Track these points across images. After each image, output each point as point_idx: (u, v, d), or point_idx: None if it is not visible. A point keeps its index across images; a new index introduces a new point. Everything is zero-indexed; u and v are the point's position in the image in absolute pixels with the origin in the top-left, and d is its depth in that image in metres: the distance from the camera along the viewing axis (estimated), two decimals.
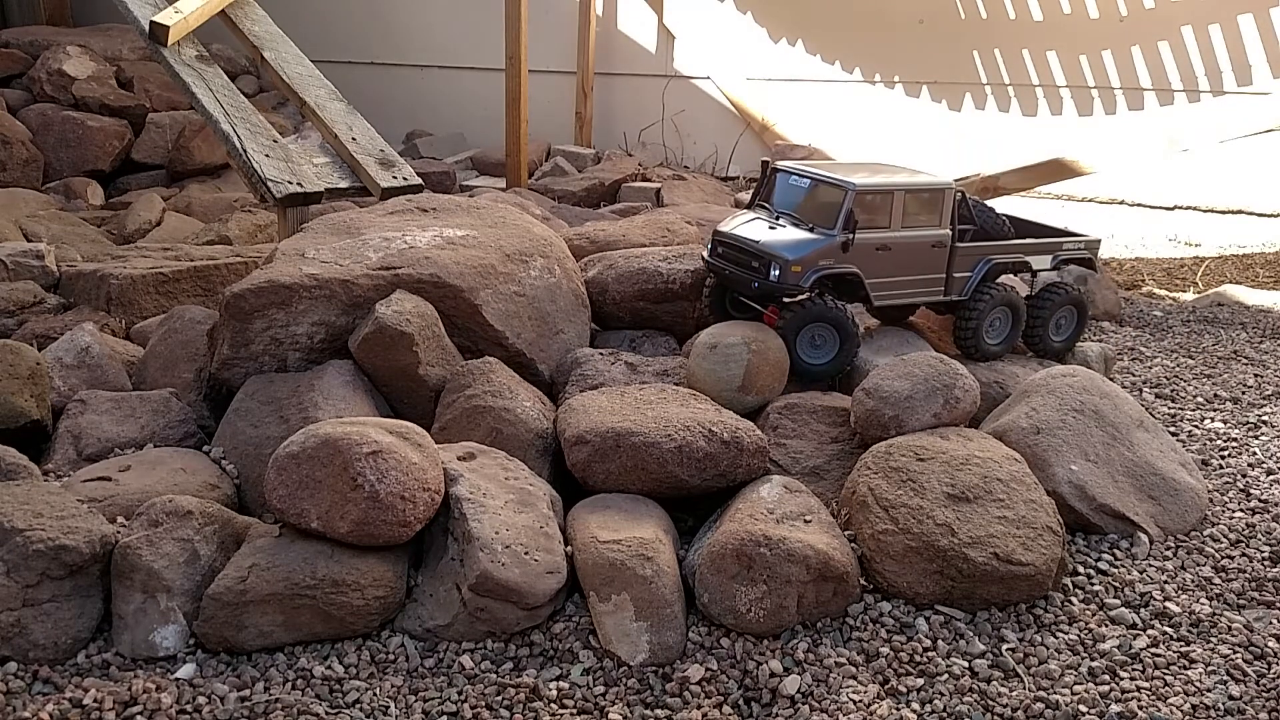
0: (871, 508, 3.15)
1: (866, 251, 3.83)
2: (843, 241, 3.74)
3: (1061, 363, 4.30)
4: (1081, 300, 4.35)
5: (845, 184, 3.78)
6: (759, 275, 3.77)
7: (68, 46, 8.25)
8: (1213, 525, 3.51)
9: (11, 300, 4.78)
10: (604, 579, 2.92)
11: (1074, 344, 4.43)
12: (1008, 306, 4.15)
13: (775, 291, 3.78)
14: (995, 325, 4.17)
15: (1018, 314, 4.19)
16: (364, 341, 3.65)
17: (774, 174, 4.12)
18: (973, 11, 8.58)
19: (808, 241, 3.76)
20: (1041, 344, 4.30)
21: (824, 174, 3.92)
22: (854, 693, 2.72)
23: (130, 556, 2.87)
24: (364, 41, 10.00)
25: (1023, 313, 4.20)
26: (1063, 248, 4.33)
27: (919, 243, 3.94)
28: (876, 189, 3.81)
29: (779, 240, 3.79)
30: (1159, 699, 2.69)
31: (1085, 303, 4.39)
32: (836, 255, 3.76)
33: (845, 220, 3.74)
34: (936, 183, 3.98)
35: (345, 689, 2.74)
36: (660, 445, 3.24)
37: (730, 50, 9.17)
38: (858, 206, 3.76)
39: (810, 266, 3.73)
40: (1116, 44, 8.24)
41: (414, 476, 2.98)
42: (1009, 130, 8.58)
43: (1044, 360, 4.31)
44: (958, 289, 4.08)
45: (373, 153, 5.25)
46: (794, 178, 4.00)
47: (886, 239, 3.86)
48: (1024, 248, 4.24)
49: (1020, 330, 4.23)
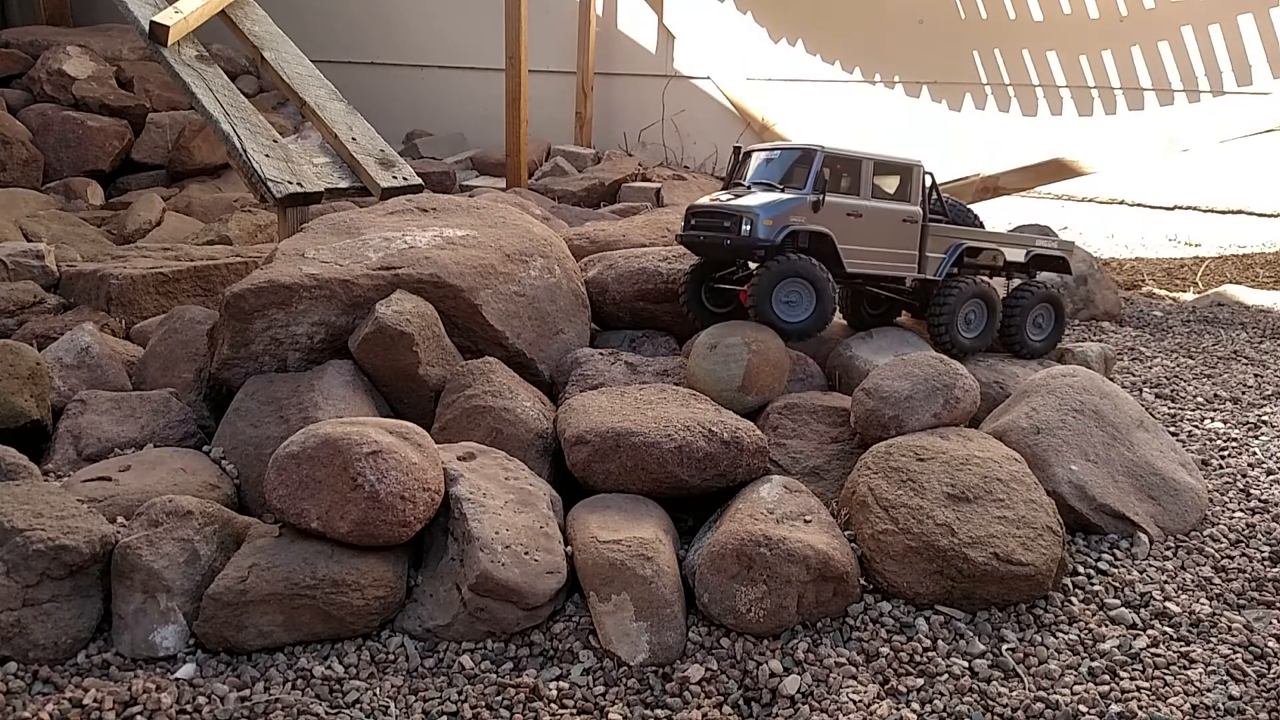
0: (871, 508, 3.15)
1: (838, 215, 3.91)
2: (814, 201, 3.83)
3: (1061, 362, 4.29)
4: (1058, 298, 4.34)
5: (815, 146, 3.95)
6: (730, 234, 3.82)
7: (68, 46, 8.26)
8: (1213, 525, 3.51)
9: (11, 300, 4.78)
10: (604, 579, 2.92)
11: (1055, 343, 4.40)
12: (982, 299, 4.15)
13: (747, 247, 3.80)
14: (971, 319, 4.17)
15: (993, 307, 4.19)
16: (364, 341, 3.65)
17: (745, 156, 4.22)
18: (973, 11, 8.58)
19: (779, 200, 3.84)
20: (1020, 343, 4.28)
21: (795, 142, 4.12)
22: (854, 693, 2.72)
23: (130, 556, 2.87)
24: (364, 41, 10.00)
25: (998, 306, 4.20)
26: (1036, 244, 4.40)
27: (890, 214, 4.03)
28: (845, 155, 3.97)
29: (750, 200, 3.87)
30: (1159, 699, 2.69)
31: (1063, 300, 4.37)
32: (808, 214, 3.84)
33: (815, 180, 3.85)
34: (907, 160, 4.12)
35: (345, 689, 2.74)
36: (660, 445, 3.24)
37: (730, 50, 9.17)
38: (827, 168, 3.89)
39: (781, 222, 3.79)
40: (1116, 44, 8.24)
41: (414, 476, 2.98)
42: (1009, 130, 8.57)
43: (1044, 360, 4.31)
44: (931, 269, 4.15)
45: (373, 153, 5.25)
46: (764, 152, 4.16)
47: (857, 205, 3.95)
48: (997, 238, 4.34)
49: (996, 324, 4.22)
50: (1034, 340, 4.32)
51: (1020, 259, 4.36)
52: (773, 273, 3.75)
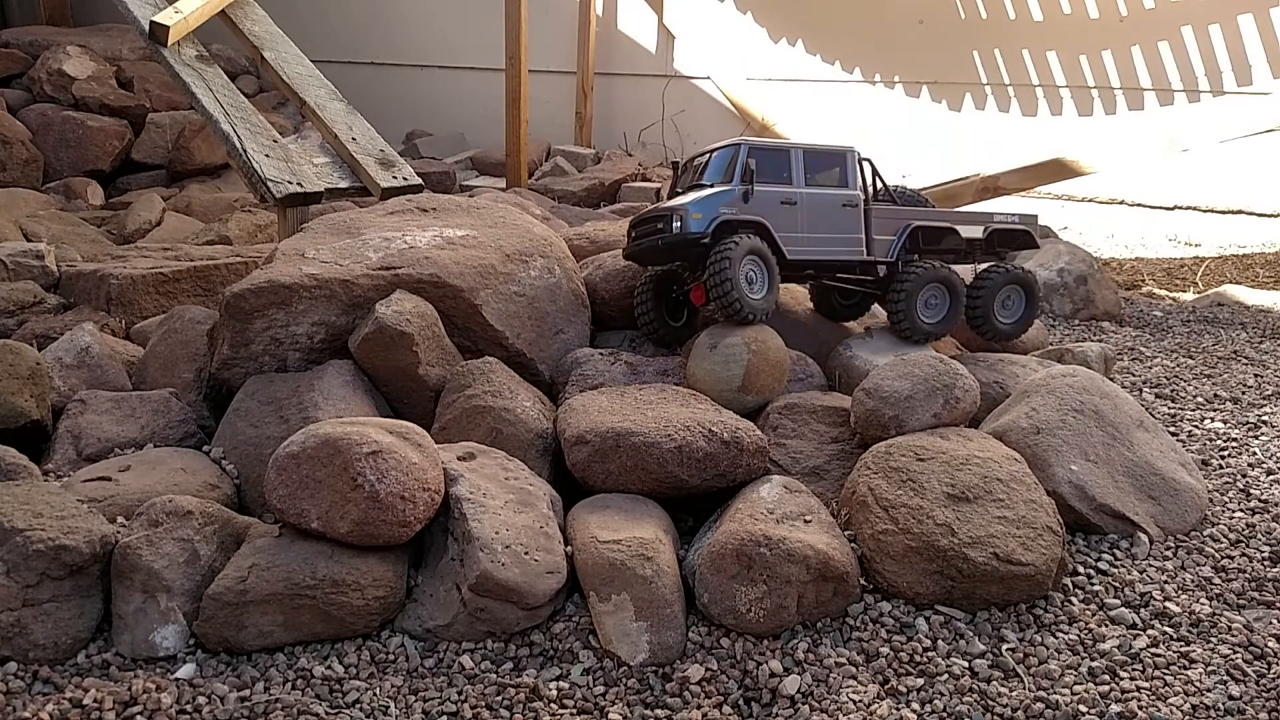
0: (871, 508, 3.15)
1: (771, 205, 3.93)
2: (742, 192, 3.86)
3: (1061, 362, 4.29)
4: (1028, 280, 4.26)
5: (739, 141, 3.99)
6: (663, 232, 3.85)
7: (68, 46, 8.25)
8: (1213, 525, 3.51)
9: (11, 300, 4.78)
10: (604, 579, 2.92)
11: (1026, 326, 4.33)
12: (942, 283, 4.11)
13: (680, 243, 3.82)
14: (932, 302, 4.13)
15: (955, 291, 4.14)
16: (364, 341, 3.65)
17: (683, 168, 4.27)
18: (973, 11, 8.58)
19: (707, 195, 3.87)
20: (988, 326, 4.23)
21: (720, 142, 4.09)
22: (854, 693, 2.72)
23: (130, 556, 2.87)
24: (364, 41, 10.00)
25: (961, 290, 4.15)
26: (994, 219, 4.34)
27: (827, 199, 4.04)
28: (769, 146, 4.01)
29: (681, 199, 3.92)
30: (1159, 699, 2.69)
31: (1033, 282, 4.28)
32: (738, 206, 3.86)
33: (741, 173, 3.88)
34: (839, 146, 4.15)
35: (345, 689, 2.74)
36: (660, 445, 3.24)
37: (730, 50, 9.17)
38: (753, 159, 3.91)
39: (711, 214, 3.82)
40: (1116, 44, 8.24)
41: (414, 476, 2.98)
42: (1009, 130, 8.57)
43: (1044, 360, 4.31)
44: (881, 251, 4.14)
45: (373, 153, 5.25)
46: (697, 158, 4.18)
47: (790, 193, 3.97)
48: (949, 215, 4.28)
49: (960, 308, 4.18)
50: (1003, 323, 4.26)
51: (979, 235, 4.29)
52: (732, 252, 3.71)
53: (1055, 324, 5.78)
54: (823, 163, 4.07)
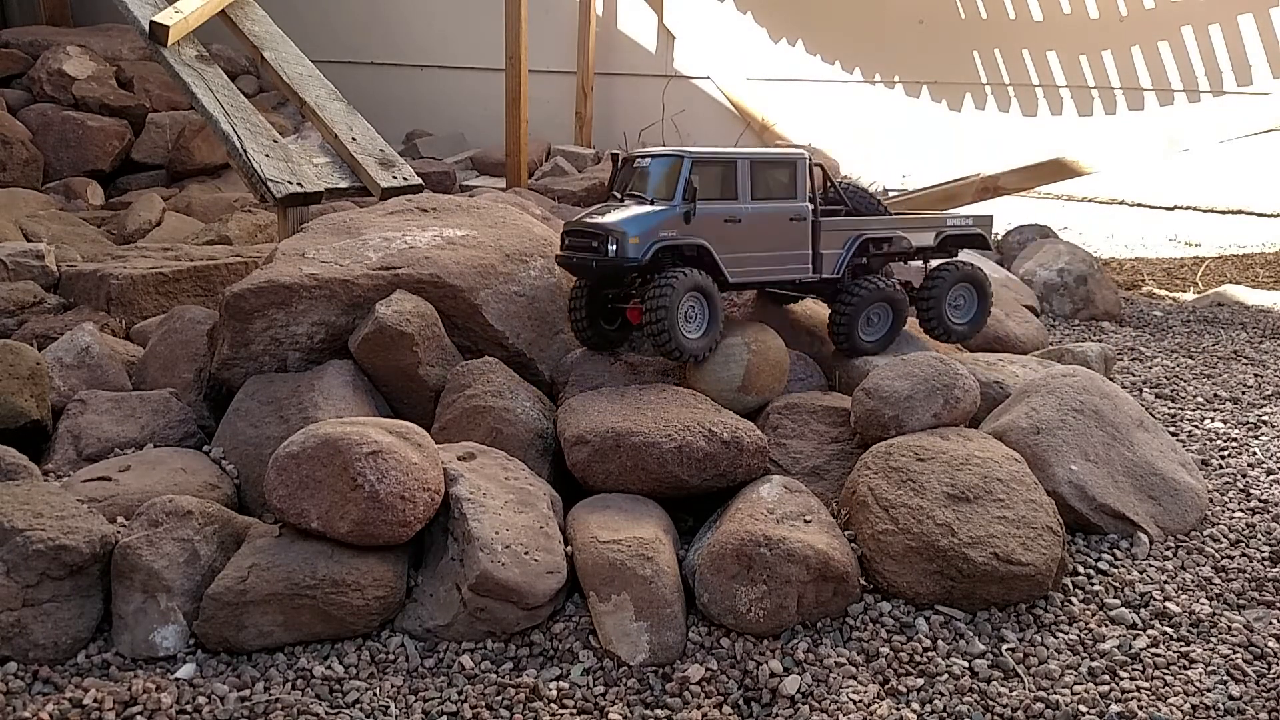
0: (871, 508, 3.15)
1: (713, 224, 3.64)
2: (684, 212, 3.57)
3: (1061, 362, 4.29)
4: (979, 277, 4.14)
5: (681, 152, 3.65)
6: (598, 254, 3.57)
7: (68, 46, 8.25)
8: (1213, 525, 3.51)
9: (11, 300, 4.78)
10: (604, 579, 2.92)
11: (980, 325, 4.21)
12: (887, 302, 3.96)
13: (615, 268, 3.56)
14: (874, 320, 3.99)
15: (899, 311, 4.00)
16: (364, 341, 3.65)
17: (623, 164, 3.93)
18: (973, 11, 8.58)
19: (646, 214, 3.58)
20: (940, 327, 4.10)
21: (664, 149, 3.79)
22: (854, 693, 2.72)
23: (130, 556, 2.87)
24: (364, 41, 10.00)
25: (904, 310, 4.02)
26: (947, 224, 4.16)
27: (774, 215, 3.77)
28: (715, 158, 3.67)
29: (617, 216, 3.60)
30: (1159, 699, 2.69)
31: (985, 279, 4.16)
32: (679, 227, 3.57)
33: (684, 189, 3.57)
34: (788, 154, 3.84)
35: (345, 689, 2.74)
36: (660, 445, 3.24)
37: (730, 50, 9.17)
38: (696, 175, 3.59)
39: (649, 239, 3.53)
40: (1116, 44, 8.24)
41: (414, 476, 2.98)
42: (1009, 130, 8.57)
43: (1044, 360, 4.31)
44: (828, 267, 3.91)
45: (373, 153, 5.25)
46: (639, 160, 3.83)
47: (735, 210, 3.69)
48: (900, 223, 4.05)
49: (900, 329, 4.04)
50: (955, 323, 4.13)
51: (931, 243, 4.13)
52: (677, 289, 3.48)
53: (1055, 324, 5.79)
54: (771, 173, 3.78)
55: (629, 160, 3.89)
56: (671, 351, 3.53)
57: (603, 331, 3.88)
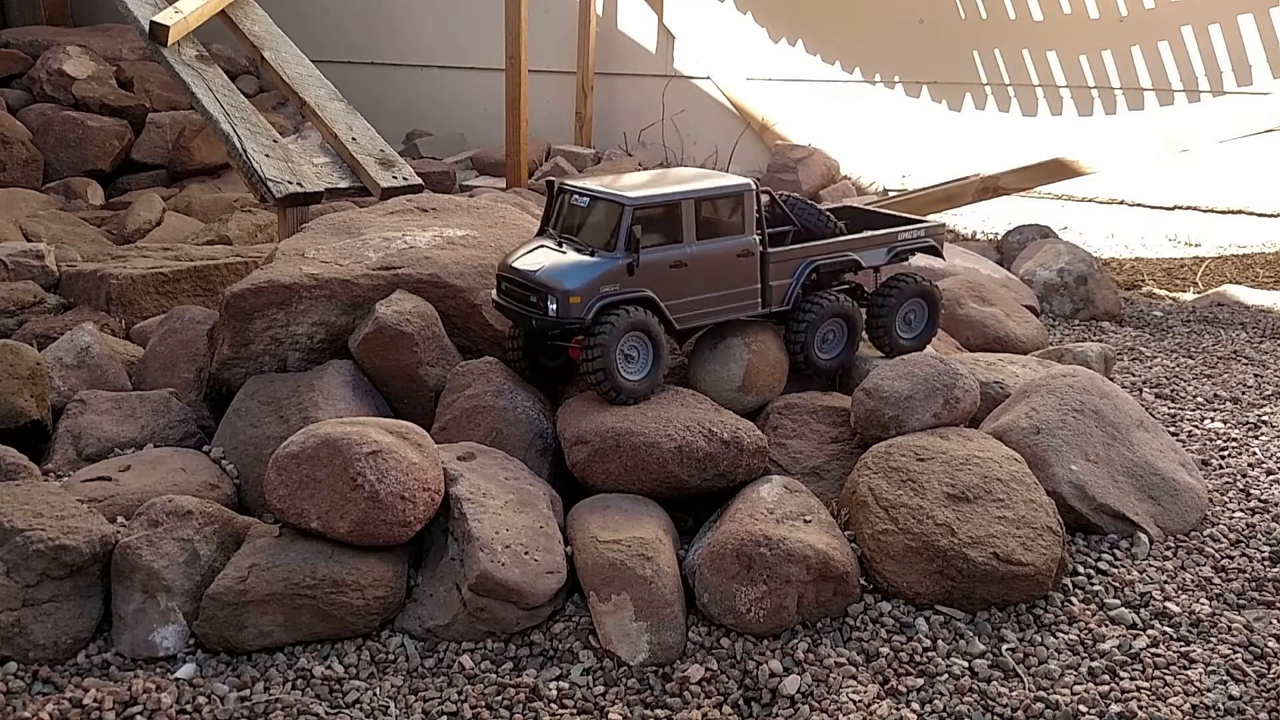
0: (871, 508, 3.15)
1: (658, 271, 3.38)
2: (627, 264, 3.31)
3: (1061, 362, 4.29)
4: (932, 291, 3.98)
5: (621, 199, 3.34)
6: (536, 311, 3.33)
7: (68, 46, 8.25)
8: (1213, 525, 3.51)
9: (11, 300, 4.78)
10: (604, 579, 2.92)
11: (928, 340, 4.03)
12: (841, 318, 3.78)
13: (555, 328, 3.37)
14: (829, 339, 3.82)
15: (854, 326, 3.83)
16: (364, 341, 3.65)
17: (559, 194, 3.60)
18: (973, 11, 8.58)
19: (587, 267, 3.31)
20: (889, 341, 3.92)
21: (601, 190, 3.46)
22: (854, 693, 2.72)
23: (130, 556, 2.87)
24: (364, 41, 10.00)
25: (859, 324, 3.85)
26: (898, 238, 3.93)
27: (722, 253, 3.51)
28: (658, 202, 3.39)
29: (556, 269, 3.34)
30: (1159, 699, 2.69)
31: (936, 294, 4.01)
32: (622, 279, 3.32)
33: (626, 240, 3.31)
34: (733, 185, 3.55)
35: (345, 689, 2.74)
36: (660, 445, 3.24)
37: (730, 50, 9.17)
38: (639, 224, 3.33)
39: (591, 296, 3.28)
40: (1116, 44, 8.23)
41: (414, 476, 2.98)
42: (1009, 130, 8.56)
43: (1044, 360, 4.30)
44: (778, 299, 3.67)
45: (373, 153, 5.25)
46: (575, 197, 3.52)
47: (681, 254, 3.43)
48: (851, 244, 3.83)
49: (856, 344, 3.89)
50: (904, 339, 3.95)
51: (883, 260, 3.92)
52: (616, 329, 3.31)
53: (1055, 324, 5.78)
54: (717, 209, 3.52)
55: (564, 193, 3.59)
56: (608, 393, 3.35)
57: (543, 368, 3.70)
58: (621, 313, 3.31)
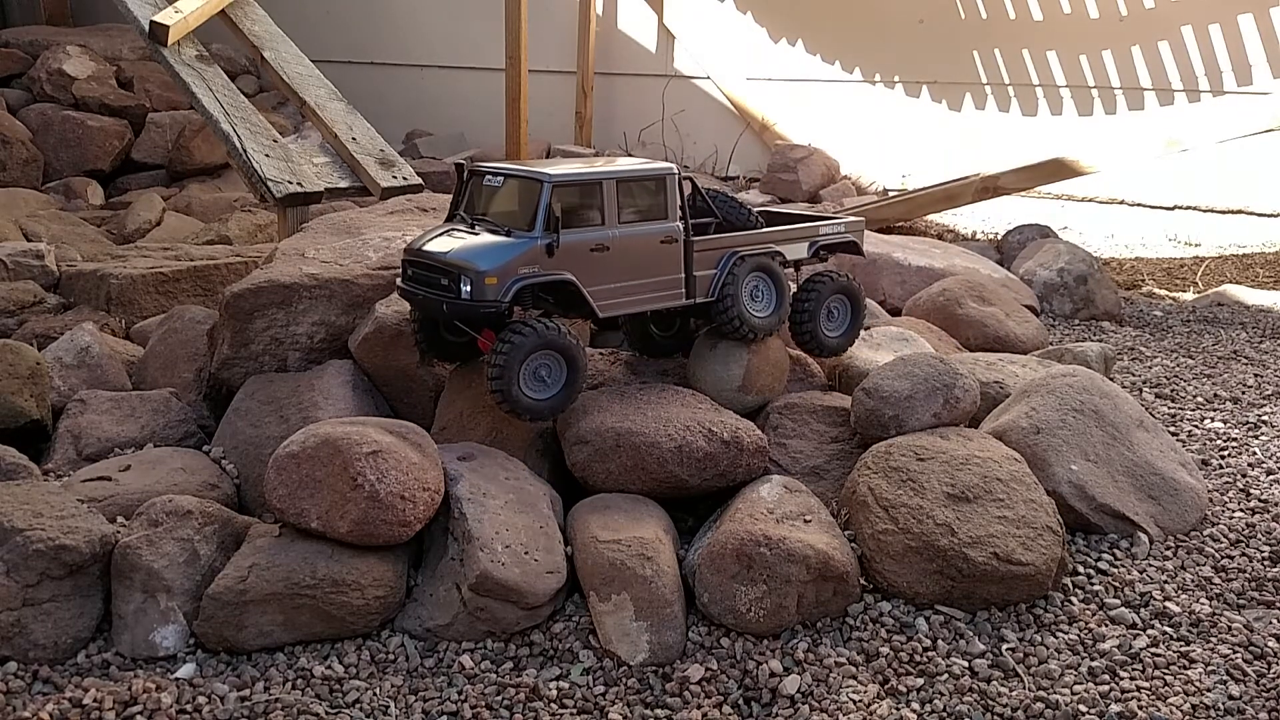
0: (871, 508, 3.15)
1: (579, 254, 3.24)
2: (546, 245, 3.16)
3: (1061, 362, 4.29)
4: (853, 288, 3.90)
5: (540, 176, 3.20)
6: (449, 295, 3.15)
7: (68, 46, 8.26)
8: (1213, 525, 3.51)
9: (11, 300, 4.78)
10: (604, 579, 2.92)
11: (854, 337, 3.96)
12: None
13: (470, 312, 3.16)
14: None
15: (779, 282, 3.69)
16: (364, 341, 3.65)
17: (470, 177, 3.46)
18: (973, 11, 8.58)
19: (503, 247, 3.15)
20: (814, 341, 3.84)
21: (518, 168, 3.34)
22: (854, 693, 2.72)
23: (130, 556, 2.87)
24: (364, 41, 10.01)
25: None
26: (820, 233, 3.88)
27: (645, 239, 3.39)
28: (578, 180, 3.26)
29: (469, 249, 3.17)
30: (1159, 699, 2.69)
31: (858, 290, 3.93)
32: (540, 261, 3.16)
33: (545, 219, 3.16)
34: (656, 169, 3.44)
35: (345, 689, 2.74)
36: (660, 445, 3.24)
37: (730, 50, 9.17)
38: (558, 201, 3.20)
39: (508, 277, 3.12)
40: (1116, 44, 8.24)
41: (414, 476, 2.98)
42: (1009, 130, 8.57)
43: (1044, 360, 4.30)
44: (703, 290, 3.54)
45: (373, 152, 5.25)
46: (489, 177, 3.40)
47: (602, 236, 3.29)
48: (774, 236, 3.77)
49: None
50: (829, 336, 3.87)
51: (804, 254, 3.85)
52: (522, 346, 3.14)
53: (1055, 324, 5.78)
54: (638, 191, 3.39)
55: (476, 175, 3.43)
56: (514, 413, 3.22)
57: (446, 344, 3.52)
58: (531, 330, 3.16)
